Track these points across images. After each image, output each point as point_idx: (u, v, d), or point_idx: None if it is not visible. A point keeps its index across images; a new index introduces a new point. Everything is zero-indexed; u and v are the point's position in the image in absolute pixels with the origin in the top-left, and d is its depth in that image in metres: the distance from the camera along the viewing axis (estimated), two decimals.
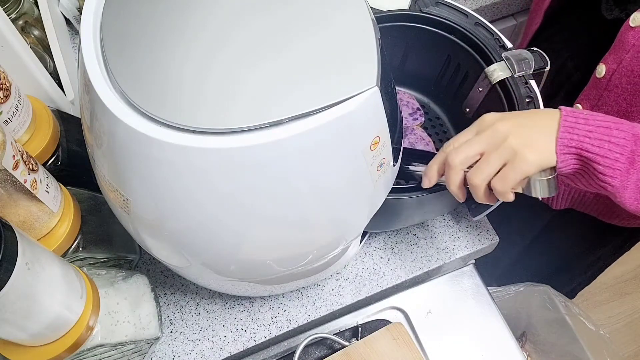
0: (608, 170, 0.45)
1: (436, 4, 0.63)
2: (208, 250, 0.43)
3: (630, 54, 0.59)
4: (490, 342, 0.68)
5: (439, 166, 0.51)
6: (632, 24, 0.57)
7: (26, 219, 0.47)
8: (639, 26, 0.56)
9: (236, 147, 0.33)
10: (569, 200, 0.80)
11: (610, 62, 0.62)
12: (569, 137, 0.45)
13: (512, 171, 0.46)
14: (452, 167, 0.48)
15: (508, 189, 0.47)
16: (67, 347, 0.45)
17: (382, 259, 0.69)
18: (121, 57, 0.35)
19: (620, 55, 0.60)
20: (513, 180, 0.46)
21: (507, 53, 0.59)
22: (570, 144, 0.45)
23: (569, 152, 0.46)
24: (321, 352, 0.65)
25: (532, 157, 0.45)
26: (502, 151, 0.46)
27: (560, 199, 0.81)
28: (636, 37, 0.57)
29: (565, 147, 0.46)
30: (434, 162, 0.51)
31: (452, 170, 0.48)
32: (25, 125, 0.51)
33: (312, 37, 0.37)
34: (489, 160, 0.46)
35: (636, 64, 0.58)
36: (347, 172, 0.39)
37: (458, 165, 0.48)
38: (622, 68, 0.60)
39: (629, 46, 0.58)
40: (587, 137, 0.45)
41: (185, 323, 0.65)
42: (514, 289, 1.04)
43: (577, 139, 0.45)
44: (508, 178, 0.46)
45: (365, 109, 0.35)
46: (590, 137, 0.45)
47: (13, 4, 0.72)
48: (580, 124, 0.46)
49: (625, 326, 1.54)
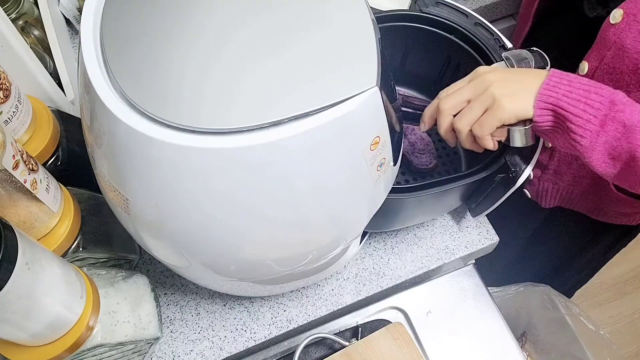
0: (579, 129, 0.48)
1: (436, 4, 0.63)
2: (208, 250, 0.43)
3: (611, 51, 0.59)
4: (490, 342, 0.68)
5: (432, 111, 0.55)
6: (613, 21, 0.58)
7: (26, 219, 0.47)
8: (619, 23, 0.57)
9: (236, 147, 0.33)
10: (558, 198, 0.80)
11: (592, 59, 0.62)
12: (548, 93, 0.49)
13: (490, 117, 0.49)
14: (441, 112, 0.53)
15: (485, 134, 0.50)
16: (67, 347, 0.45)
17: (382, 259, 0.69)
18: (121, 57, 0.35)
19: (602, 52, 0.60)
20: (490, 125, 0.50)
21: (507, 53, 0.59)
22: (547, 100, 0.49)
23: (546, 107, 0.49)
24: (321, 352, 0.65)
25: (510, 105, 0.49)
26: (483, 98, 0.50)
27: (550, 197, 0.81)
28: (617, 34, 0.58)
29: (543, 103, 0.49)
30: (429, 107, 0.56)
31: (442, 114, 0.53)
32: (25, 125, 0.51)
33: (312, 37, 0.37)
34: (472, 107, 0.51)
35: (617, 60, 0.59)
36: (347, 172, 0.39)
37: (447, 110, 0.52)
38: (604, 65, 0.60)
39: (610, 43, 0.59)
40: (565, 97, 0.48)
41: (185, 323, 0.65)
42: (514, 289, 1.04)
43: (555, 96, 0.48)
44: (486, 123, 0.50)
45: (365, 109, 0.35)
46: (569, 96, 0.48)
47: (13, 4, 0.72)
48: (563, 84, 0.49)
49: (625, 326, 1.54)
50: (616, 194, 0.71)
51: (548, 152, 0.74)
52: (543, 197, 0.82)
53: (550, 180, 0.78)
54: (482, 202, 0.62)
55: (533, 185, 0.82)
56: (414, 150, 0.69)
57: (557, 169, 0.75)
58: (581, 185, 0.75)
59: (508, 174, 0.55)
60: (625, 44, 0.57)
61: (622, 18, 0.57)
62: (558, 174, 0.76)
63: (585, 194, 0.76)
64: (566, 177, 0.75)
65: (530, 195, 0.84)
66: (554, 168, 0.75)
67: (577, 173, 0.73)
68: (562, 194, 0.79)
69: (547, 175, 0.78)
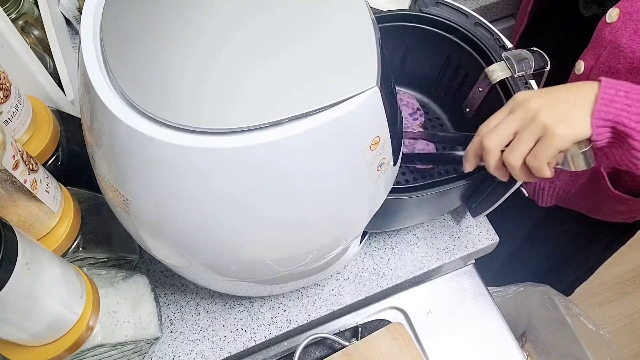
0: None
1: (436, 4, 0.63)
2: (208, 250, 0.43)
3: (607, 49, 0.59)
4: (490, 342, 0.68)
5: (476, 150, 0.51)
6: (609, 20, 0.58)
7: (26, 219, 0.47)
8: (615, 22, 0.57)
9: (236, 147, 0.33)
10: (554, 197, 0.81)
11: (588, 58, 0.62)
12: (606, 109, 0.45)
13: (544, 147, 0.46)
14: (488, 150, 0.49)
15: (542, 165, 0.47)
16: (67, 347, 0.45)
17: (382, 259, 0.69)
18: (121, 57, 0.35)
19: (598, 51, 0.60)
20: (545, 156, 0.46)
21: (507, 53, 0.59)
22: (606, 117, 0.45)
23: (605, 125, 0.45)
24: (321, 352, 0.65)
25: (564, 131, 0.45)
26: (533, 128, 0.46)
27: (546, 196, 0.81)
28: (612, 33, 0.57)
29: (601, 120, 0.45)
30: (471, 146, 0.52)
31: (488, 153, 0.49)
32: (25, 125, 0.51)
33: (312, 37, 0.37)
34: (522, 139, 0.47)
35: (613, 59, 0.59)
36: (347, 172, 0.39)
37: (493, 147, 0.48)
38: (599, 64, 0.60)
39: (605, 42, 0.59)
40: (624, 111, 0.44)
41: (185, 323, 0.65)
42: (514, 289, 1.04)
43: (614, 112, 0.44)
44: (540, 155, 0.46)
45: (365, 109, 0.35)
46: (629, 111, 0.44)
47: (13, 4, 0.72)
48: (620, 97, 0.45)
49: (625, 326, 1.54)
50: (613, 192, 0.71)
51: None
52: (540, 196, 0.82)
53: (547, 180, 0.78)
54: (482, 202, 0.62)
55: (530, 184, 0.82)
56: (414, 149, 0.69)
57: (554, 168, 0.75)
58: (577, 184, 0.75)
59: None
60: (621, 43, 0.57)
61: (618, 17, 0.57)
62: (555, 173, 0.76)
63: (581, 193, 0.76)
64: (563, 176, 0.75)
65: (528, 194, 0.84)
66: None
67: (573, 172, 0.73)
68: (559, 192, 0.79)
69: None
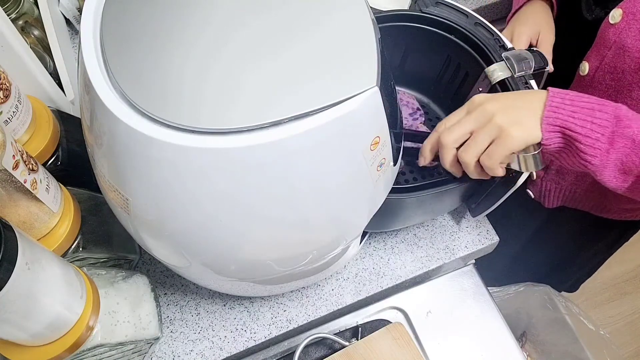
0: (589, 149, 0.47)
1: (436, 4, 0.63)
2: (208, 250, 0.43)
3: (611, 50, 0.59)
4: (490, 342, 0.68)
5: (432, 145, 0.54)
6: (612, 21, 0.58)
7: (26, 219, 0.47)
8: (618, 23, 0.57)
9: (236, 147, 0.33)
10: (561, 198, 0.81)
11: (592, 59, 0.62)
12: (554, 115, 0.48)
13: (499, 147, 0.48)
14: (444, 146, 0.51)
15: (495, 164, 0.49)
16: (67, 347, 0.45)
17: (382, 259, 0.69)
18: (121, 57, 0.35)
19: (602, 52, 0.60)
20: (500, 156, 0.49)
21: (507, 53, 0.59)
22: (554, 123, 0.48)
23: (554, 130, 0.48)
24: (321, 352, 0.65)
25: (518, 133, 0.48)
26: (489, 129, 0.49)
27: (553, 197, 0.81)
28: (616, 33, 0.58)
29: (550, 126, 0.48)
30: (428, 141, 0.54)
31: (445, 149, 0.52)
32: (25, 125, 0.51)
33: (312, 37, 0.37)
34: (477, 139, 0.49)
35: (618, 60, 0.59)
36: (347, 172, 0.39)
37: (450, 144, 0.51)
38: (604, 65, 0.61)
39: (610, 43, 0.59)
40: (571, 117, 0.47)
41: (185, 323, 0.65)
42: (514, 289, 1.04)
43: (561, 117, 0.47)
44: (495, 154, 0.49)
45: (365, 109, 0.35)
46: (575, 117, 0.47)
47: (13, 4, 0.72)
48: (566, 104, 0.48)
49: (625, 326, 1.54)
50: None
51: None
52: (546, 197, 0.82)
53: (552, 181, 0.78)
54: (482, 202, 0.62)
55: (536, 185, 0.82)
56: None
57: (559, 169, 0.75)
58: (584, 184, 0.75)
59: (508, 174, 0.55)
60: (626, 43, 0.57)
61: (622, 17, 0.57)
62: (560, 174, 0.76)
63: (588, 192, 0.76)
64: (568, 176, 0.75)
65: (534, 196, 0.84)
66: (556, 168, 0.75)
67: (579, 172, 0.73)
68: (565, 193, 0.79)
69: (549, 175, 0.78)
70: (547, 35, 0.72)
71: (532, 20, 0.73)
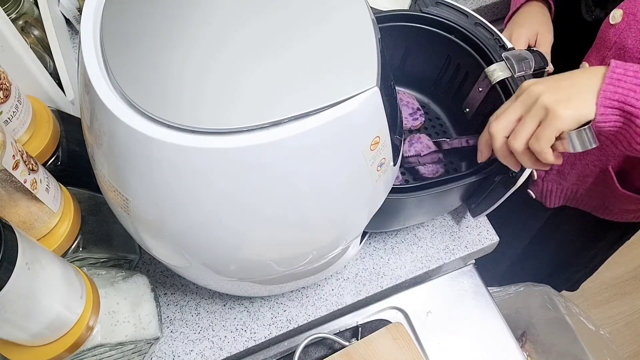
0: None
1: (436, 4, 0.63)
2: (208, 250, 0.43)
3: (612, 51, 0.59)
4: (490, 342, 0.68)
5: (486, 138, 0.51)
6: (612, 22, 0.58)
7: (26, 219, 0.47)
8: (618, 23, 0.57)
9: (236, 147, 0.33)
10: (562, 198, 0.80)
11: (592, 60, 0.62)
12: (613, 89, 0.44)
13: (546, 128, 0.45)
14: (494, 137, 0.49)
15: (544, 148, 0.45)
16: (67, 347, 0.45)
17: (382, 259, 0.69)
18: (121, 57, 0.35)
19: (603, 52, 0.60)
20: (547, 138, 0.45)
21: (507, 53, 0.59)
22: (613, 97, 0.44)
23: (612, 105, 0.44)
24: (321, 352, 0.65)
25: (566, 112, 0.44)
26: (534, 111, 0.46)
27: (554, 197, 0.81)
28: (617, 34, 0.58)
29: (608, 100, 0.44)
30: (483, 135, 0.52)
31: (495, 139, 0.49)
32: (25, 125, 0.51)
33: (312, 37, 0.37)
34: (524, 123, 0.46)
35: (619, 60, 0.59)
36: (347, 172, 0.39)
37: (499, 133, 0.48)
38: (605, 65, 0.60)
39: (610, 43, 0.59)
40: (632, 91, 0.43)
41: (185, 323, 0.65)
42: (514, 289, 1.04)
43: (621, 92, 0.44)
44: (542, 136, 0.45)
45: (365, 109, 0.35)
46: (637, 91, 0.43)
47: (13, 4, 0.72)
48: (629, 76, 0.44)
49: (625, 326, 1.54)
50: (621, 191, 0.71)
51: None
52: (547, 198, 0.82)
53: (554, 181, 0.78)
54: (482, 202, 0.62)
55: (537, 186, 0.82)
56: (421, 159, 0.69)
57: (561, 169, 0.75)
58: (585, 184, 0.75)
59: (508, 174, 0.55)
60: (627, 43, 0.57)
61: (622, 18, 0.57)
62: (562, 174, 0.76)
63: (589, 193, 0.76)
64: (570, 177, 0.75)
65: (535, 196, 0.84)
66: (558, 168, 0.75)
67: (581, 172, 0.73)
68: (567, 193, 0.79)
69: (550, 175, 0.78)
70: (545, 36, 0.72)
71: (530, 21, 0.72)
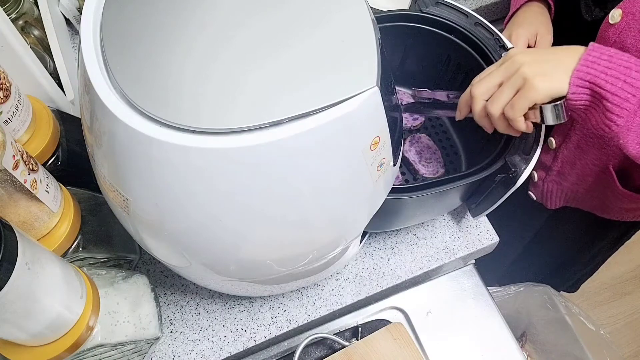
0: (616, 108, 0.46)
1: (436, 4, 0.64)
2: (208, 250, 0.43)
3: None
4: (490, 342, 0.68)
5: (466, 98, 0.54)
6: (612, 21, 0.58)
7: (26, 219, 0.47)
8: (618, 23, 0.57)
9: (236, 147, 0.33)
10: (563, 198, 0.80)
11: None
12: (586, 70, 0.46)
13: (521, 98, 0.48)
14: (474, 98, 0.52)
15: (517, 115, 0.48)
16: (67, 347, 0.45)
17: (382, 259, 0.69)
18: (121, 57, 0.35)
19: None
20: (521, 107, 0.48)
21: None
22: (585, 77, 0.46)
23: (582, 85, 0.47)
24: (321, 352, 0.65)
25: (542, 85, 0.47)
26: (514, 80, 0.48)
27: (555, 198, 0.81)
28: (616, 33, 0.58)
29: (580, 80, 0.47)
30: (463, 95, 0.55)
31: (475, 100, 0.52)
32: (25, 125, 0.51)
33: (312, 37, 0.37)
34: (503, 90, 0.49)
35: None
36: (347, 172, 0.39)
37: (479, 95, 0.51)
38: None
39: (609, 43, 0.59)
40: (603, 73, 0.46)
41: (185, 323, 0.65)
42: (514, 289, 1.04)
43: (593, 73, 0.46)
44: (517, 105, 0.48)
45: (365, 109, 0.35)
46: (607, 73, 0.46)
47: (13, 4, 0.72)
48: (603, 60, 0.46)
49: (625, 326, 1.54)
50: (621, 190, 0.71)
51: (552, 154, 0.74)
52: (548, 199, 0.82)
53: (554, 182, 0.78)
54: (482, 202, 0.62)
55: (537, 187, 0.82)
56: (421, 159, 0.69)
57: (561, 170, 0.75)
58: (586, 184, 0.75)
59: (508, 174, 0.55)
60: (626, 43, 0.57)
61: (622, 18, 0.57)
62: (562, 174, 0.76)
63: (590, 192, 0.76)
64: (570, 177, 0.75)
65: (536, 198, 0.84)
66: (558, 169, 0.75)
67: (581, 172, 0.73)
68: (567, 194, 0.79)
69: (550, 176, 0.78)
70: (545, 36, 0.72)
71: (530, 22, 0.73)
